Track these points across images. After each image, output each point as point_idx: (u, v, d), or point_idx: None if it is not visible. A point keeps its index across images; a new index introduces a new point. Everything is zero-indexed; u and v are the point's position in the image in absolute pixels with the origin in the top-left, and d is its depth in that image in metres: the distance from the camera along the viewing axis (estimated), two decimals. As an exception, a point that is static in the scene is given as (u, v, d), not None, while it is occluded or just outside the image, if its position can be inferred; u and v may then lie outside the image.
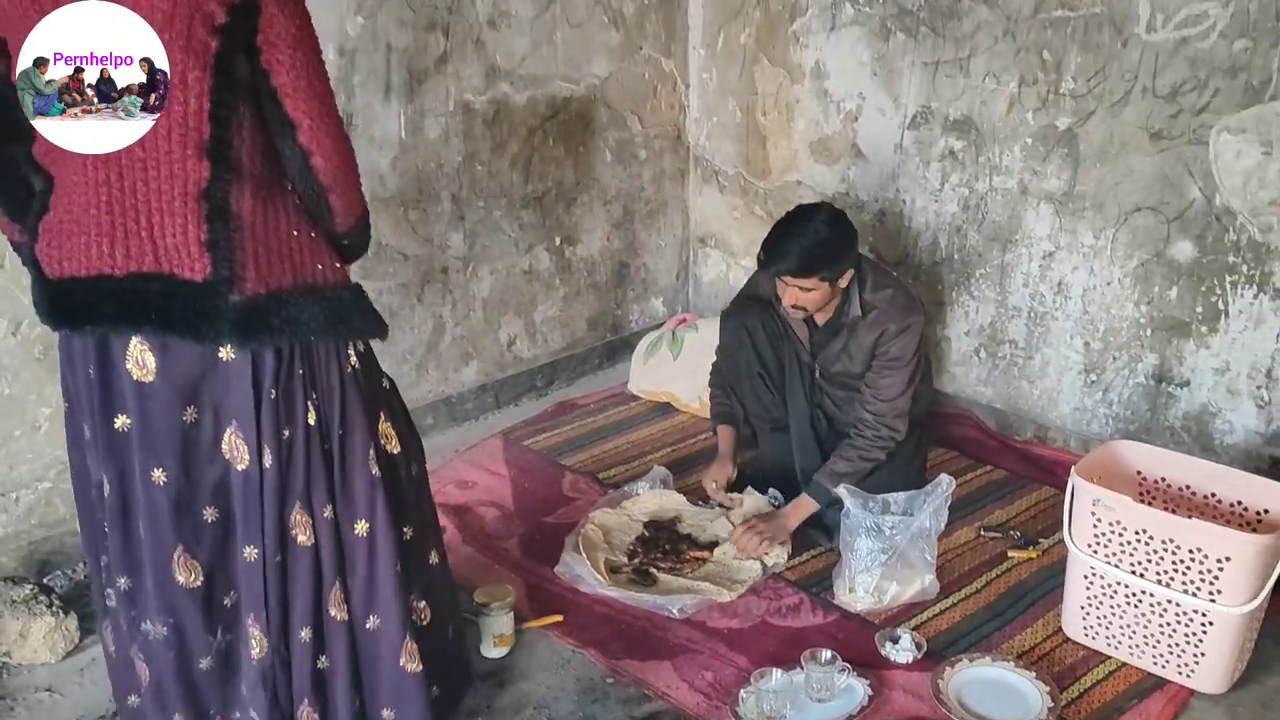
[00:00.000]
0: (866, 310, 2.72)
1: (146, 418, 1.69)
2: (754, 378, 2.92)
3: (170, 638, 1.80)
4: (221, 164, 1.60)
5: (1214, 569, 2.15)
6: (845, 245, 2.66)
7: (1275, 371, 2.80)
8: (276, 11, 1.57)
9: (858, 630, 2.47)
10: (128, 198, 1.60)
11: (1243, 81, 2.69)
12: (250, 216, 1.62)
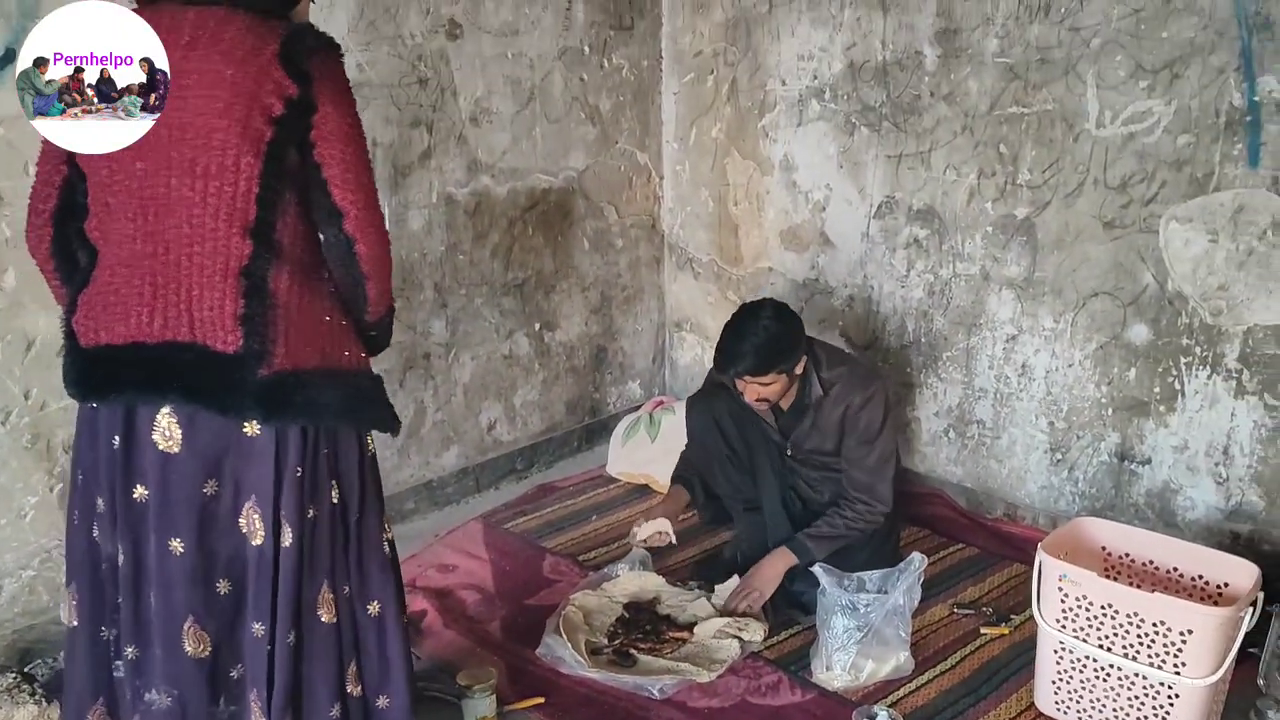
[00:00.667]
0: (827, 388, 2.82)
1: (167, 489, 1.75)
2: (723, 461, 3.01)
3: (173, 708, 1.83)
4: (263, 244, 1.70)
5: (1178, 642, 2.22)
6: (795, 336, 2.77)
7: (1231, 449, 2.91)
8: (331, 110, 1.70)
9: (835, 708, 2.51)
10: (170, 270, 1.69)
11: (1187, 174, 2.84)
12: (285, 296, 1.72)
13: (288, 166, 1.70)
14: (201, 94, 1.67)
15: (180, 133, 1.69)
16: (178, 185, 1.69)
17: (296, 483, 1.77)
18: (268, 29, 1.70)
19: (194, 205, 1.69)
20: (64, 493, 2.71)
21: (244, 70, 1.66)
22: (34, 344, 2.62)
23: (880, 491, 2.85)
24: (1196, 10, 2.74)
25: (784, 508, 2.98)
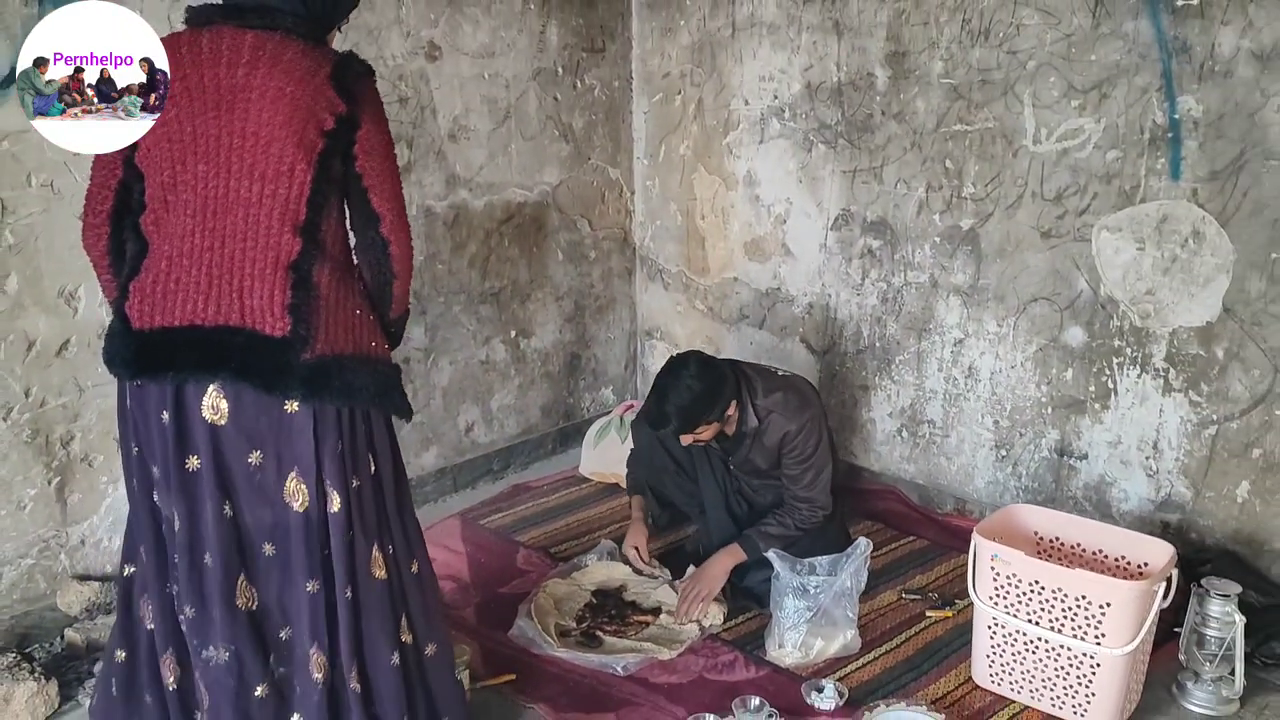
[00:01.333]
0: (762, 416, 2.96)
1: (218, 457, 1.93)
2: (671, 474, 3.20)
3: (231, 663, 2.00)
4: (311, 242, 1.90)
5: (1097, 614, 2.41)
6: (717, 390, 2.86)
7: (1160, 444, 3.11)
8: (372, 127, 1.92)
9: (786, 683, 2.69)
10: (226, 262, 1.88)
11: (1116, 186, 3.05)
12: (326, 289, 1.92)
13: (333, 175, 1.91)
14: (264, 107, 1.86)
15: (242, 140, 1.87)
16: (236, 186, 1.87)
17: (338, 456, 1.97)
18: (321, 54, 1.92)
19: (251, 205, 1.87)
20: (60, 485, 2.88)
21: (302, 88, 1.86)
22: (34, 344, 2.78)
23: (819, 500, 3.02)
24: (1122, 35, 2.95)
25: (728, 511, 3.15)
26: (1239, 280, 2.87)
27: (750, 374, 3.01)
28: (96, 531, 2.98)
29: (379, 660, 2.09)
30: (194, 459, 1.94)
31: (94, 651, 2.79)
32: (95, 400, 2.91)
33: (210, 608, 1.98)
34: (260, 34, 1.90)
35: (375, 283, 2.03)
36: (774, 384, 3.01)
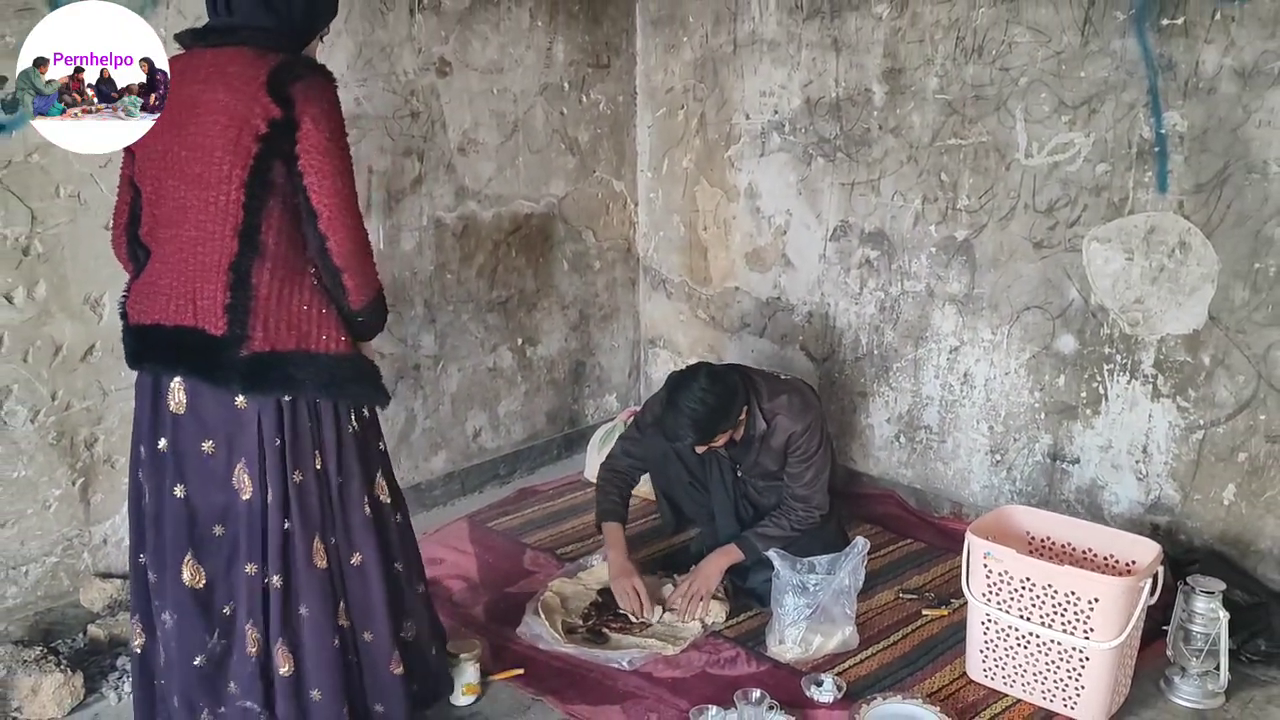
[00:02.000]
0: (769, 419, 3.06)
1: (176, 443, 2.11)
2: (685, 485, 3.28)
3: (174, 630, 2.17)
4: (248, 244, 2.01)
5: (1086, 610, 2.50)
6: (730, 399, 2.94)
7: (1150, 448, 3.20)
8: (311, 127, 2.00)
9: (787, 677, 2.78)
10: (184, 266, 2.05)
11: (1105, 199, 3.16)
12: (266, 289, 2.04)
13: (273, 178, 2.01)
14: (209, 119, 2.00)
15: (193, 152, 2.01)
16: (190, 196, 2.03)
17: (277, 450, 2.10)
18: (263, 61, 2.00)
19: (200, 212, 2.02)
20: (84, 486, 2.98)
21: (237, 97, 1.97)
22: (61, 349, 2.88)
23: (817, 500, 3.11)
24: (1110, 53, 3.06)
25: (736, 516, 3.24)
26: (1224, 289, 2.97)
27: (755, 378, 3.11)
28: (118, 531, 3.08)
29: (317, 644, 2.20)
30: (163, 441, 2.13)
31: (116, 646, 2.89)
32: (117, 404, 3.01)
33: (165, 575, 2.17)
34: (219, 50, 2.04)
35: (325, 277, 2.11)
36: (778, 387, 3.11)
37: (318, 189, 2.02)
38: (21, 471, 2.87)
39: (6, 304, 2.77)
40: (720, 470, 3.20)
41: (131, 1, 2.67)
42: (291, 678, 2.19)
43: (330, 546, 2.20)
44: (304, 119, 1.99)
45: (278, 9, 2.06)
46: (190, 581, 2.15)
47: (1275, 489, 2.97)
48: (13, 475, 2.86)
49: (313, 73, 2.04)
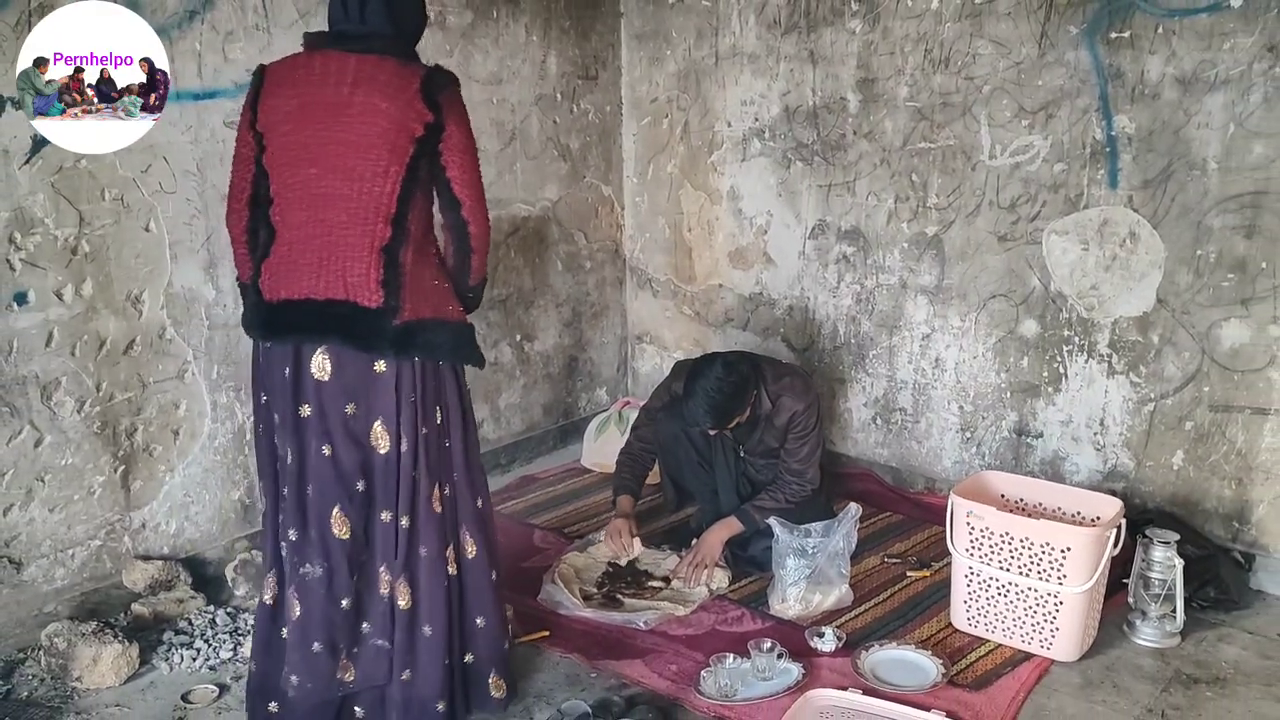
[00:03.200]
0: (774, 399, 3.34)
1: (321, 407, 2.32)
2: (693, 465, 3.53)
3: (324, 577, 2.39)
4: (399, 230, 2.29)
5: (1059, 559, 2.80)
6: (744, 387, 3.21)
7: (1106, 421, 3.53)
8: (454, 129, 2.31)
9: (790, 632, 3.04)
10: (331, 247, 2.28)
11: (1062, 195, 3.48)
12: (410, 266, 2.30)
13: (420, 173, 2.29)
14: (363, 120, 2.25)
15: (346, 149, 2.25)
16: (339, 185, 2.26)
17: (411, 407, 2.36)
18: (411, 71, 2.29)
19: (351, 200, 2.26)
20: (125, 473, 3.16)
21: (395, 104, 2.24)
22: (105, 344, 3.07)
23: (810, 474, 3.40)
24: (1064, 63, 3.39)
25: (737, 493, 3.51)
26: (1170, 275, 3.30)
27: (761, 363, 3.40)
28: (156, 516, 3.26)
29: (431, 583, 2.47)
30: (305, 407, 2.33)
31: (161, 623, 3.07)
32: (156, 395, 3.20)
33: (309, 531, 2.38)
34: (361, 57, 2.28)
35: (457, 256, 2.42)
36: (781, 370, 3.41)
37: (460, 182, 2.33)
38: (69, 459, 3.05)
39: (57, 301, 2.95)
40: (724, 451, 3.47)
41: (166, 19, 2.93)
42: (409, 611, 2.47)
43: (445, 495, 2.48)
44: (449, 122, 2.29)
45: (399, 19, 2.34)
46: (339, 533, 2.39)
47: (1218, 454, 3.31)
48: (61, 463, 3.03)
49: (453, 82, 2.33)
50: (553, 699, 2.74)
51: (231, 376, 3.38)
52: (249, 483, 3.49)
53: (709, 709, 2.67)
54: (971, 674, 2.83)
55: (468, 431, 2.55)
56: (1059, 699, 2.73)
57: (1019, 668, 2.86)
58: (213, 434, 3.36)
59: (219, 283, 3.28)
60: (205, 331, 3.29)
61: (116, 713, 2.72)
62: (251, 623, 3.04)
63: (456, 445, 2.50)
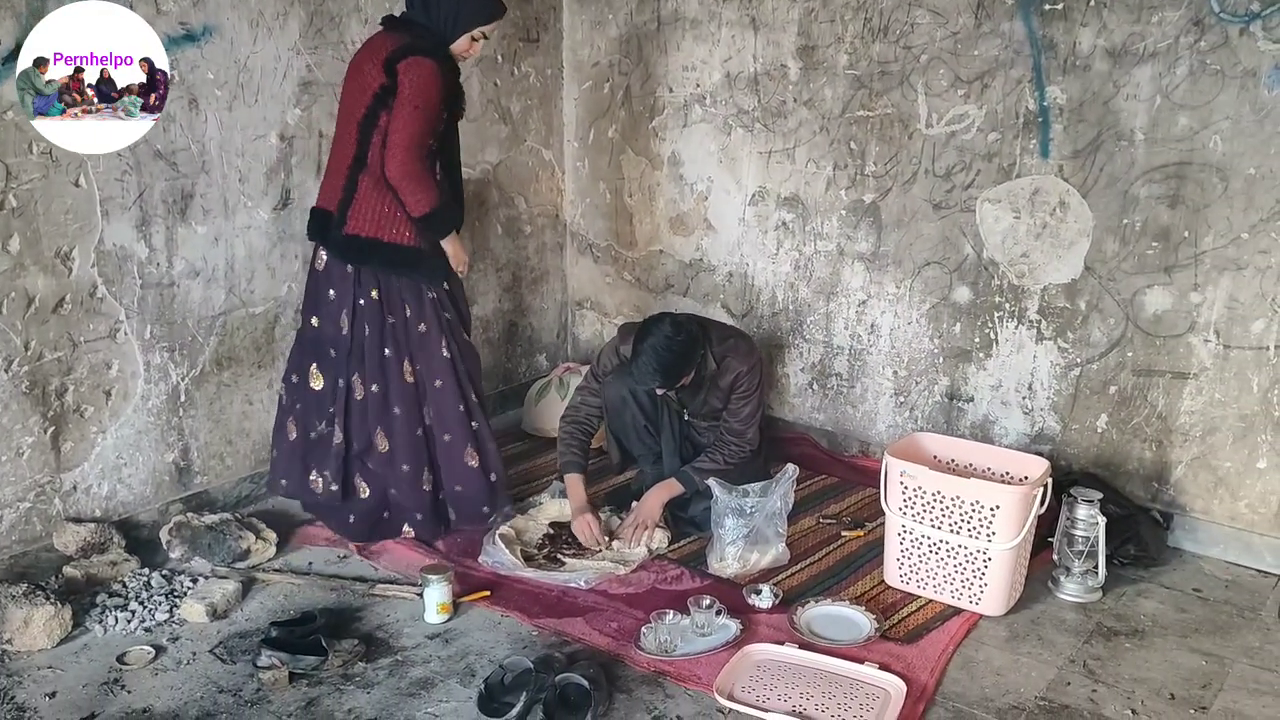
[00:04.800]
0: (719, 360, 3.38)
1: (315, 289, 3.27)
2: (640, 429, 3.55)
3: (300, 412, 3.34)
4: (359, 160, 3.07)
5: (989, 516, 2.89)
6: (693, 347, 3.24)
7: (1034, 385, 3.63)
8: (404, 82, 2.97)
9: (728, 590, 3.10)
10: (332, 171, 3.20)
11: (996, 164, 3.56)
12: (363, 191, 3.09)
13: (378, 122, 3.02)
14: (357, 78, 3.07)
15: (348, 98, 3.13)
16: (342, 126, 3.14)
17: (373, 301, 3.18)
18: (394, 43, 2.99)
19: (342, 138, 3.12)
20: (55, 434, 3.10)
21: (373, 67, 3.00)
22: (34, 301, 3.00)
23: (750, 436, 3.45)
24: (1000, 34, 3.45)
25: (679, 454, 3.55)
26: (1097, 243, 3.40)
27: (707, 325, 3.43)
28: (87, 478, 3.20)
29: (405, 431, 3.27)
30: (313, 290, 3.31)
31: (94, 586, 3.02)
32: (86, 355, 3.14)
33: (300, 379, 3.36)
34: (385, 34, 3.09)
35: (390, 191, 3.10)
36: (726, 332, 3.45)
37: (391, 129, 2.99)
38: (-4, 419, 2.99)
39: (-17, 257, 2.88)
40: (669, 416, 3.50)
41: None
42: (387, 454, 3.29)
43: (416, 370, 3.24)
44: (401, 87, 2.95)
45: (430, 10, 3.03)
46: (314, 384, 3.30)
47: (1140, 417, 3.43)
48: (-12, 423, 2.97)
49: (415, 54, 2.96)
50: (494, 656, 2.76)
51: (165, 337, 3.32)
52: (184, 445, 3.45)
53: (649, 664, 2.72)
54: (903, 628, 2.91)
55: (437, 330, 3.23)
56: (986, 651, 2.83)
57: (949, 622, 2.94)
58: (146, 395, 3.31)
59: (151, 241, 3.22)
60: (138, 290, 3.23)
61: (50, 675, 2.69)
62: (189, 583, 3.05)
63: (430, 337, 3.22)
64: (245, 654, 2.76)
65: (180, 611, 2.94)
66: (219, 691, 2.61)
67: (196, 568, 3.18)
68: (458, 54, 3.13)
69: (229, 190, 3.41)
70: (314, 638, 2.72)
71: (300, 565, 3.26)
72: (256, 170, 3.48)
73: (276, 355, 3.64)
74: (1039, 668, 2.75)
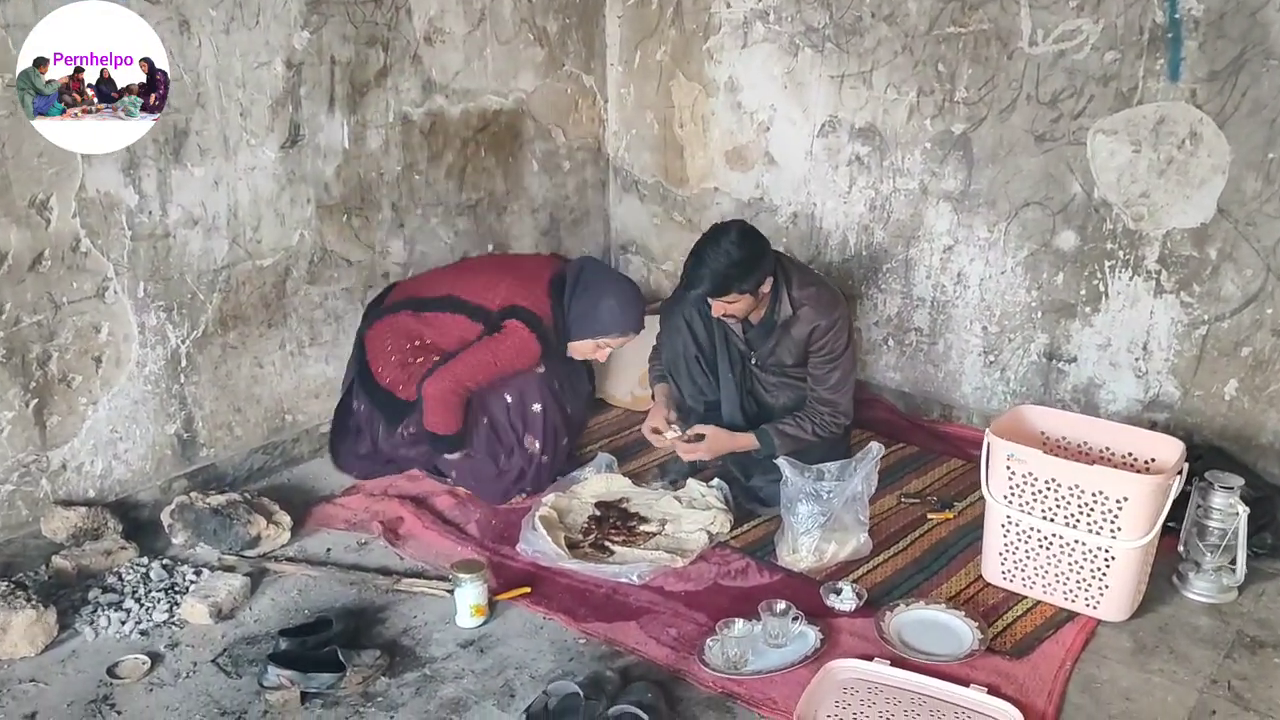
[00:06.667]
0: (796, 306, 2.94)
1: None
2: (691, 361, 3.12)
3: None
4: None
5: (1114, 509, 2.46)
6: (756, 261, 2.83)
7: (1150, 345, 3.16)
8: (501, 337, 2.98)
9: (802, 586, 2.70)
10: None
11: (1113, 88, 3.05)
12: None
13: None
14: (489, 287, 3.12)
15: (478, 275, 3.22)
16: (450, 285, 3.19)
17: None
18: (542, 299, 3.04)
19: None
20: (39, 408, 2.73)
21: (494, 295, 3.07)
22: (7, 258, 2.61)
23: (844, 405, 3.02)
24: (1123, -67, 2.93)
25: (741, 409, 3.13)
26: (1235, 181, 2.90)
27: (788, 263, 3.01)
28: (78, 455, 2.85)
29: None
30: None
31: (85, 578, 2.68)
32: (71, 318, 2.76)
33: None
34: (536, 280, 3.11)
35: None
36: (809, 278, 3.01)
37: (459, 357, 3.00)
38: (-32, 394, 2.62)
39: (-58, 208, 2.49)
40: (730, 358, 3.08)
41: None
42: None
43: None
44: (498, 335, 3.00)
45: (569, 300, 3.08)
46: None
47: (1279, 383, 2.96)
48: (-42, 398, 2.60)
49: (531, 330, 2.99)
50: (536, 671, 2.39)
51: (161, 295, 2.94)
52: (186, 415, 3.08)
53: (716, 684, 2.33)
54: (1010, 638, 2.51)
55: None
56: (1110, 668, 2.41)
57: (1062, 630, 2.53)
58: (141, 361, 2.93)
59: (141, 186, 2.81)
60: (127, 243, 2.83)
61: (31, 690, 2.35)
62: (191, 575, 2.70)
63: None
64: (252, 665, 2.41)
65: (181, 611, 2.59)
66: (220, 714, 2.26)
67: (201, 555, 2.83)
68: (576, 353, 3.12)
69: (229, 126, 2.98)
70: (329, 649, 2.36)
71: (317, 552, 2.90)
72: (260, 103, 3.04)
73: (288, 313, 3.25)
74: (1175, 690, 2.34)
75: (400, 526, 2.98)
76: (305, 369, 3.34)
